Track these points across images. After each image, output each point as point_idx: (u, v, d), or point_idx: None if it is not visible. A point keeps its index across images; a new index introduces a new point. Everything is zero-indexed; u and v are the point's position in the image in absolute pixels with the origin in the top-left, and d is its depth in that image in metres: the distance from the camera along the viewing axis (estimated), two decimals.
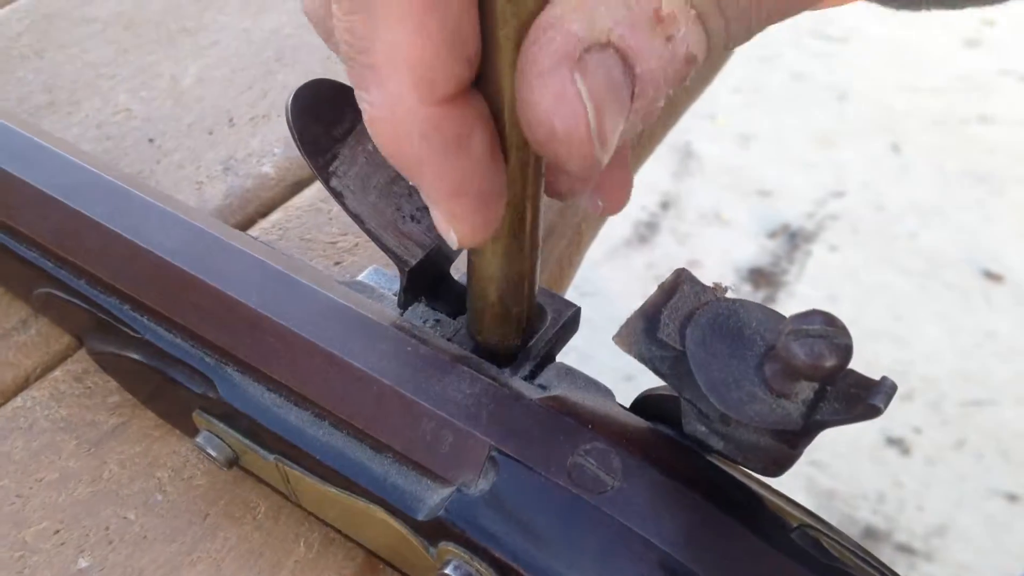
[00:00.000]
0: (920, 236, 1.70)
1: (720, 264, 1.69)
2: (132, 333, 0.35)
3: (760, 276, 1.64)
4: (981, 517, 1.32)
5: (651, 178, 1.76)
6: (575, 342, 0.34)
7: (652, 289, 0.28)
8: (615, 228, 1.68)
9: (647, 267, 1.66)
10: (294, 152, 0.46)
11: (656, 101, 0.22)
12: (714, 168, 1.84)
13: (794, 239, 1.71)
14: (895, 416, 1.42)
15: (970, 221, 1.73)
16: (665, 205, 1.77)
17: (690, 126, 1.72)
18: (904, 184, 1.80)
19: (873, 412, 0.25)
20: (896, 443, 1.41)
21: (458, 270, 0.34)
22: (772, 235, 1.72)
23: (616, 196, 0.32)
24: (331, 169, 0.31)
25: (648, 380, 0.31)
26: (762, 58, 2.02)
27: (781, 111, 1.95)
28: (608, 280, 1.63)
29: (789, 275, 1.65)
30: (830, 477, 1.36)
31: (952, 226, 1.72)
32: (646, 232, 1.73)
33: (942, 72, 2.02)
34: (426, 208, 0.32)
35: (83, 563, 0.34)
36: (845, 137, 1.89)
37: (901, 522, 1.32)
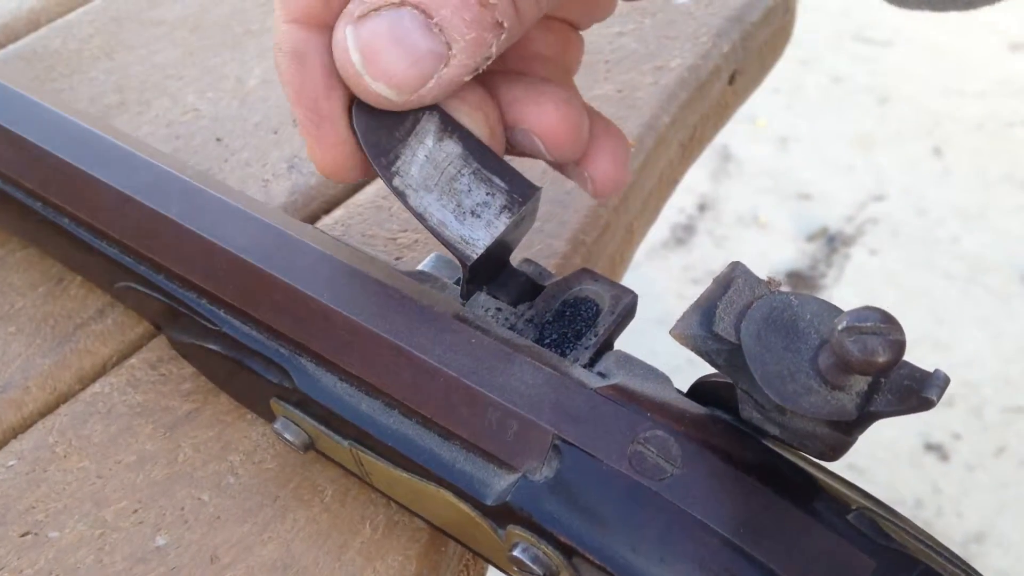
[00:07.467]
0: (962, 240, 1.69)
1: (758, 268, 1.63)
2: (210, 325, 0.36)
3: (798, 280, 1.64)
4: (1021, 524, 1.31)
5: (689, 180, 1.75)
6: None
7: (689, 291, 0.28)
8: (652, 230, 1.68)
9: (684, 269, 1.66)
10: None
11: (471, 49, 0.29)
12: (753, 170, 1.84)
13: (833, 242, 1.70)
14: (934, 421, 1.41)
15: (1012, 226, 1.71)
16: (703, 207, 1.77)
17: (729, 128, 1.71)
18: (946, 188, 1.79)
19: (926, 404, 0.26)
20: (935, 449, 1.40)
21: (516, 259, 0.36)
22: (811, 238, 1.71)
23: (604, 172, 0.36)
24: (394, 168, 0.32)
25: (684, 381, 0.32)
26: (802, 60, 2.01)
27: (821, 114, 1.94)
28: (645, 281, 1.63)
29: (828, 279, 1.64)
30: (868, 482, 1.35)
31: (994, 231, 1.70)
32: (683, 234, 1.73)
33: (986, 76, 2.00)
34: (486, 203, 0.33)
35: (160, 541, 0.36)
36: (886, 140, 1.88)
37: (939, 528, 1.31)
